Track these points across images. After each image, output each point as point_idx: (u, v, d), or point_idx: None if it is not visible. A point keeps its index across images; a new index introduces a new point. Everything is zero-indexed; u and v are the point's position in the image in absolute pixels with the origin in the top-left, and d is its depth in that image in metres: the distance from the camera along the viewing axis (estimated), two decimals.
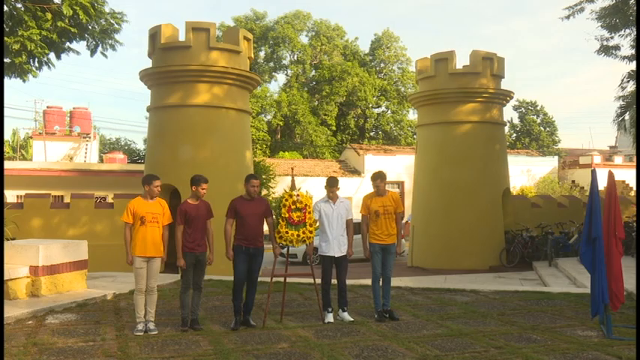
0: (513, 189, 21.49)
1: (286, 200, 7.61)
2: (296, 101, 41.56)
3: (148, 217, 6.97)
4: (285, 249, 7.95)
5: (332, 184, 7.89)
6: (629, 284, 9.05)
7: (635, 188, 35.23)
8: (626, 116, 20.06)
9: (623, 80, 19.16)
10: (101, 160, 32.84)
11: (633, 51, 18.03)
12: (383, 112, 46.87)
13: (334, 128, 43.86)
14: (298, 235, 7.56)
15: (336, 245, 7.66)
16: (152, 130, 14.36)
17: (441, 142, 16.15)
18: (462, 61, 16.27)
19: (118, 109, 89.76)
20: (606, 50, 18.26)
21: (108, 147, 45.02)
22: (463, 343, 6.49)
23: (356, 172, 32.61)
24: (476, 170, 15.64)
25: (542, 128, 52.02)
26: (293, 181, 8.03)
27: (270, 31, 44.61)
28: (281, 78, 48.25)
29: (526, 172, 34.14)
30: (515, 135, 51.64)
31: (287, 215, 7.53)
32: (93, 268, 10.71)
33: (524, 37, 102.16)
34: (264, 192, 19.81)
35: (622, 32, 17.59)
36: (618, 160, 39.82)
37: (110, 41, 11.82)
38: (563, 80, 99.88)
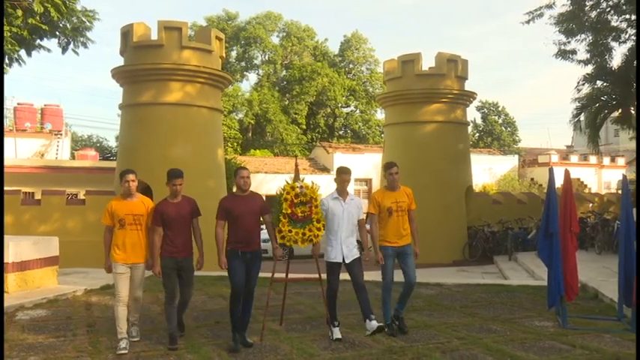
0: (476, 186, 21.81)
1: (288, 194, 6.38)
2: (267, 100, 41.39)
3: (127, 220, 5.94)
4: (287, 250, 6.90)
5: (345, 171, 6.60)
6: (583, 276, 9.29)
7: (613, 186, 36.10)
8: (581, 117, 20.53)
9: (578, 83, 19.60)
10: (73, 157, 32.15)
11: (588, 55, 18.45)
12: (352, 111, 47.02)
13: (304, 127, 43.85)
14: (304, 234, 6.34)
15: (344, 249, 6.43)
16: (124, 127, 14.14)
17: (408, 141, 16.27)
18: (427, 63, 16.43)
19: (91, 107, 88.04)
20: (563, 54, 18.65)
21: (80, 144, 44.15)
22: (428, 334, 6.56)
23: (325, 169, 32.64)
24: (440, 168, 15.80)
25: (503, 128, 52.94)
26: (297, 172, 6.79)
27: (241, 32, 44.30)
28: (252, 77, 48.01)
29: (488, 171, 34.66)
30: (477, 135, 52.41)
31: (289, 211, 6.31)
32: (64, 264, 10.50)
33: (487, 41, 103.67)
34: (234, 189, 19.67)
35: (578, 37, 17.98)
36: (574, 159, 40.78)
37: (82, 39, 11.61)
38: (523, 82, 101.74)
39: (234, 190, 6.26)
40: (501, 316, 7.56)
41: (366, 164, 30.83)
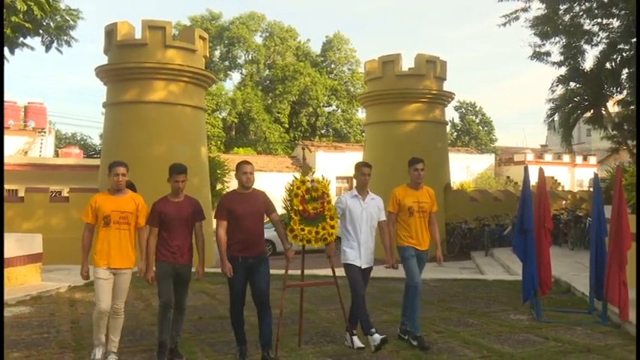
0: (454, 184, 21.98)
1: (298, 188, 5.72)
2: (250, 99, 41.25)
3: (113, 217, 5.11)
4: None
5: (365, 165, 5.96)
6: (557, 271, 9.42)
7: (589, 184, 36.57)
8: (555, 117, 20.80)
9: (553, 84, 19.85)
10: (57, 155, 31.70)
11: (562, 57, 18.70)
12: (333, 110, 47.03)
13: (287, 126, 43.78)
14: (317, 232, 5.68)
15: (363, 252, 5.79)
16: (108, 125, 13.98)
17: (388, 140, 16.33)
18: (407, 64, 16.49)
19: (75, 105, 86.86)
20: (538, 56, 18.86)
21: (64, 142, 43.50)
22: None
23: (307, 167, 32.68)
24: None
25: (480, 128, 53.44)
26: (305, 165, 6.12)
27: (225, 31, 44.07)
28: (236, 77, 47.78)
29: (465, 169, 34.95)
30: (455, 134, 52.82)
31: (301, 208, 5.65)
32: (48, 261, 10.36)
33: (466, 43, 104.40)
34: (218, 186, 19.57)
35: (552, 40, 18.21)
36: (548, 157, 41.33)
37: (65, 37, 11.43)
38: (500, 83, 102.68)
39: (237, 188, 5.50)
40: (478, 310, 7.63)
41: (347, 163, 30.80)
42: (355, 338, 5.77)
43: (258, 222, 5.41)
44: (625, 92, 18.88)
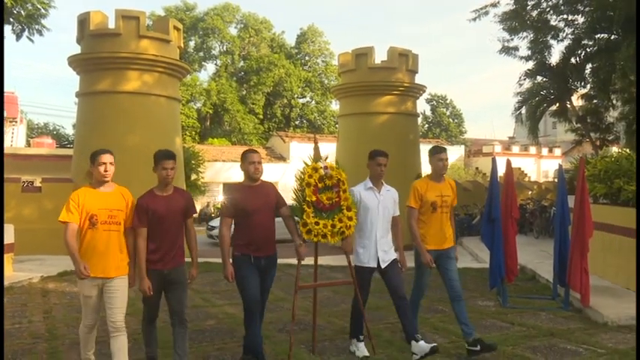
0: (425, 174, 22.26)
1: (310, 177, 4.94)
2: (225, 90, 40.88)
3: (101, 216, 4.22)
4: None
5: (381, 153, 5.24)
6: (522, 259, 9.61)
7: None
8: (523, 110, 21.16)
9: (520, 78, 20.19)
10: (29, 145, 30.97)
11: (529, 52, 19.00)
12: (307, 102, 46.92)
13: (261, 117, 43.53)
14: (333, 226, 4.90)
15: (379, 252, 5.08)
16: (81, 115, 13.70)
17: (361, 131, 16.37)
18: (380, 57, 16.53)
19: (47, 94, 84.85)
20: (507, 50, 19.14)
21: (36, 132, 42.50)
22: (378, 315, 6.67)
23: (282, 158, 32.57)
24: (391, 157, 15.88)
25: (451, 120, 53.98)
26: (317, 149, 5.22)
27: (199, 22, 43.49)
28: (210, 67, 47.34)
29: None
30: (427, 126, 53.26)
31: (314, 198, 4.86)
32: (20, 251, 10.17)
33: (437, 37, 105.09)
34: (193, 177, 19.39)
35: (520, 35, 18.48)
36: (516, 149, 42.04)
37: (37, 26, 11.14)
38: (470, 77, 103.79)
39: (243, 180, 4.80)
40: (447, 297, 7.74)
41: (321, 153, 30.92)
42: (361, 345, 5.21)
43: (271, 217, 4.74)
44: (588, 86, 19.30)
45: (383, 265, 5.07)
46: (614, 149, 18.35)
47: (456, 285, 5.33)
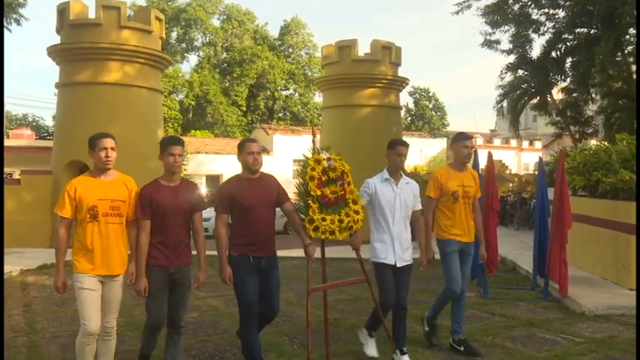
0: (407, 167, 22.37)
1: (313, 169, 4.47)
2: (207, 82, 40.58)
3: (102, 208, 3.81)
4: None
5: (401, 143, 4.80)
6: (503, 250, 9.72)
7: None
8: (504, 103, 21.34)
9: (502, 71, 20.34)
10: (7, 136, 30.43)
11: (511, 45, 19.14)
12: (291, 94, 46.81)
13: (244, 109, 43.32)
14: (341, 221, 4.46)
15: (397, 248, 4.68)
16: (61, 106, 13.48)
17: (344, 124, 16.37)
18: (363, 49, 16.52)
19: (26, 85, 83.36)
20: (489, 44, 19.26)
21: (15, 123, 41.77)
22: (360, 307, 6.70)
23: (265, 150, 32.46)
24: (374, 149, 15.96)
25: (433, 113, 54.28)
26: (314, 141, 4.76)
27: (182, 13, 43.06)
28: (193, 59, 46.93)
29: (419, 153, 35.49)
30: (409, 118, 53.47)
31: (319, 192, 4.42)
32: None
33: (420, 30, 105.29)
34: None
35: (502, 28, 18.61)
36: (497, 142, 42.43)
37: (15, 15, 10.93)
38: (453, 70, 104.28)
39: (241, 172, 4.34)
40: (429, 288, 7.80)
41: (304, 146, 30.78)
42: (372, 342, 4.84)
43: (271, 214, 4.31)
44: (568, 80, 19.52)
45: (399, 264, 4.68)
46: (593, 142, 18.62)
47: (463, 282, 5.06)
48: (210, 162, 28.82)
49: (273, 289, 4.30)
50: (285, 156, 30.23)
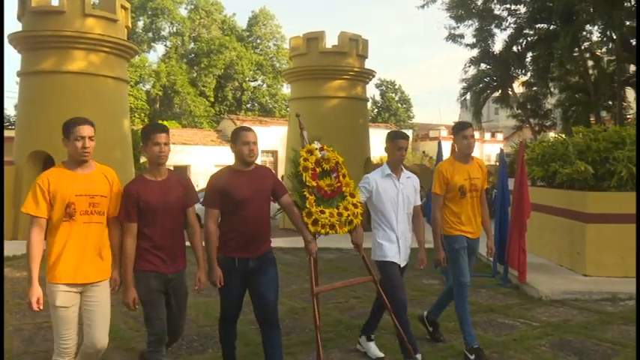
0: (374, 158, 22.49)
1: (306, 160, 4.11)
2: (175, 72, 39.90)
3: (80, 205, 3.25)
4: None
5: (402, 136, 4.53)
6: None
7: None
8: (467, 96, 21.70)
9: (465, 65, 20.68)
10: None
11: (474, 39, 19.43)
12: (259, 85, 46.44)
13: (212, 99, 42.80)
14: (340, 214, 4.07)
15: (402, 247, 4.51)
16: (24, 95, 13.06)
17: (312, 115, 16.32)
18: (331, 41, 16.52)
19: None
20: (453, 38, 19.52)
21: None
22: (327, 295, 6.73)
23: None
24: (341, 141, 15.99)
25: (399, 105, 54.66)
26: (302, 130, 4.48)
27: (148, 2, 42.07)
28: (160, 49, 46.14)
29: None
30: (376, 110, 53.75)
31: (314, 184, 4.05)
32: None
33: (386, 23, 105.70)
34: (142, 159, 18.88)
35: (466, 23, 18.87)
36: None
37: None
38: (418, 63, 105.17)
39: (233, 164, 3.92)
40: (416, 284, 7.90)
41: (272, 137, 30.74)
42: (372, 345, 4.68)
43: (264, 209, 3.88)
44: (529, 74, 19.96)
45: (402, 264, 4.51)
46: (551, 134, 19.12)
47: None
48: (178, 152, 28.41)
49: (267, 288, 3.78)
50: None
